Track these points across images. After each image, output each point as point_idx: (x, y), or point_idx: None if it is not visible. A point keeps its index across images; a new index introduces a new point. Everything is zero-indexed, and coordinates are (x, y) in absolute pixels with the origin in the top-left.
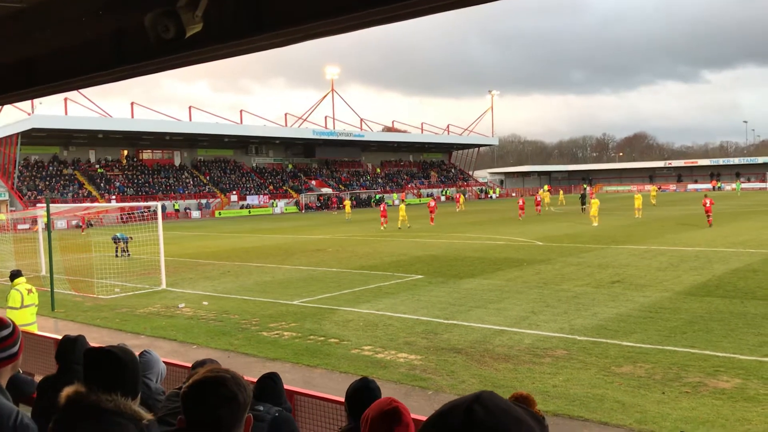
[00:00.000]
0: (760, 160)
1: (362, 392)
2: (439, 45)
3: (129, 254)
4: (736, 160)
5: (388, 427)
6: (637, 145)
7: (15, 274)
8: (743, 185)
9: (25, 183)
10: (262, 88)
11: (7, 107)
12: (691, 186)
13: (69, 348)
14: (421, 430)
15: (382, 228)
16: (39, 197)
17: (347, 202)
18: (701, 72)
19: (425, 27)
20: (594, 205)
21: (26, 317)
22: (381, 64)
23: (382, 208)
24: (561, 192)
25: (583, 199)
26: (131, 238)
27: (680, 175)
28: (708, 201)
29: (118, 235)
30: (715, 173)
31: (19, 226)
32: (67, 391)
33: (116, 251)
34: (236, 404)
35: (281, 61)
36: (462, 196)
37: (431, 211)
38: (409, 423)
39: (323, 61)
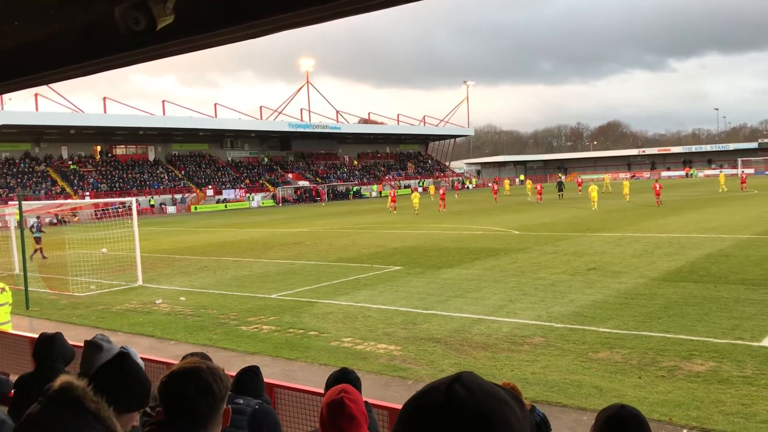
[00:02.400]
0: (732, 146)
1: (341, 382)
2: (407, 37)
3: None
4: (708, 147)
5: (333, 417)
6: (611, 133)
7: None
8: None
9: None
10: (230, 82)
11: None
12: (664, 173)
13: (46, 346)
14: (402, 412)
15: (393, 211)
16: (11, 195)
17: (416, 195)
18: (667, 60)
19: (392, 19)
20: (593, 191)
21: (1, 316)
22: (350, 57)
23: (391, 194)
24: (507, 181)
25: (560, 187)
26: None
27: (654, 162)
28: (658, 185)
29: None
30: (687, 160)
31: None
32: (63, 378)
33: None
34: (212, 395)
35: (249, 54)
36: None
37: (441, 198)
38: (355, 415)
39: (292, 54)
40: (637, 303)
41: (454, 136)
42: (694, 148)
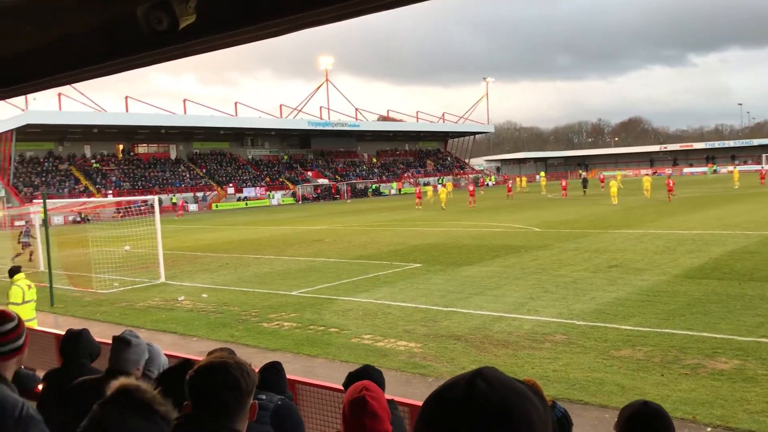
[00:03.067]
0: (756, 142)
1: (362, 380)
2: (424, 34)
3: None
4: (731, 143)
5: (355, 415)
6: (633, 129)
7: (15, 270)
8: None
9: (21, 179)
10: (249, 80)
11: (1, 104)
12: (687, 170)
13: (73, 342)
14: (423, 407)
15: (419, 207)
16: (35, 193)
17: (443, 190)
18: (687, 55)
19: (409, 16)
20: (613, 186)
21: (27, 313)
22: (367, 55)
23: (417, 191)
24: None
25: (585, 184)
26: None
27: (676, 158)
28: (671, 181)
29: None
30: (710, 156)
31: (16, 223)
32: (123, 382)
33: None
34: (239, 390)
35: (267, 52)
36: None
37: (471, 195)
38: (378, 412)
39: (309, 52)
40: (660, 300)
41: (474, 133)
42: (717, 144)
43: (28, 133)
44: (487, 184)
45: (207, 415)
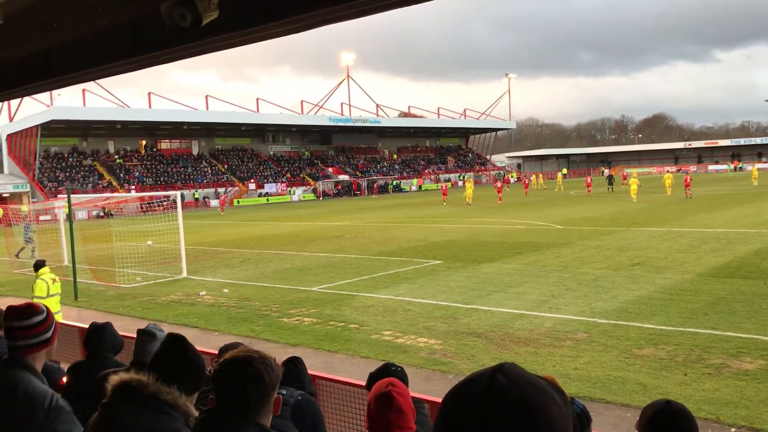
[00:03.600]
0: None
1: (383, 377)
2: (444, 30)
3: (19, 256)
4: (757, 140)
5: (381, 410)
6: (657, 126)
7: (39, 264)
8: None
9: (46, 174)
10: (268, 77)
11: (26, 99)
12: (711, 167)
13: (97, 335)
14: (444, 401)
15: (444, 203)
16: (60, 188)
17: (469, 185)
18: (711, 51)
19: (428, 12)
20: (633, 183)
21: (53, 306)
22: (387, 51)
23: (443, 187)
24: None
25: (610, 180)
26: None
27: (700, 156)
28: (689, 178)
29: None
30: (736, 153)
31: (41, 218)
32: (122, 377)
33: (19, 252)
34: (263, 384)
35: (286, 49)
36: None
37: (498, 191)
38: (403, 408)
39: (328, 48)
40: (683, 299)
41: (496, 130)
42: (742, 141)
43: (52, 128)
44: (510, 181)
45: (231, 409)
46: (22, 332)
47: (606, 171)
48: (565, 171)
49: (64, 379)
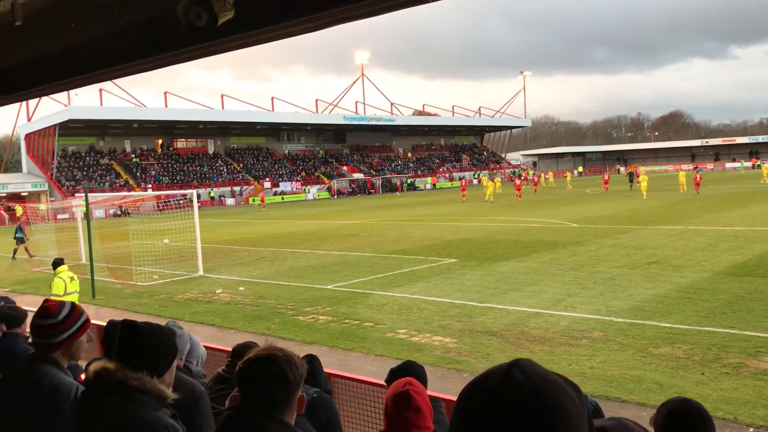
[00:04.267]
0: None
1: (405, 374)
2: (456, 28)
3: (14, 257)
4: None
5: (398, 409)
6: (673, 124)
7: (57, 263)
8: None
9: (64, 173)
10: (282, 76)
11: (44, 99)
12: (729, 165)
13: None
14: (460, 396)
15: (463, 200)
16: (77, 187)
17: (495, 180)
18: (729, 48)
19: (440, 9)
20: (643, 181)
21: None
22: (398, 49)
23: (462, 184)
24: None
25: (631, 178)
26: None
27: (718, 153)
28: (699, 176)
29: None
30: (754, 151)
31: (59, 216)
32: (94, 366)
33: (15, 253)
34: (286, 383)
35: (300, 47)
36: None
37: (517, 189)
38: (421, 407)
39: (342, 47)
40: (700, 298)
41: (511, 127)
42: (761, 138)
43: (70, 128)
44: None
45: (256, 407)
46: (41, 331)
47: (622, 169)
48: (581, 169)
49: (83, 376)
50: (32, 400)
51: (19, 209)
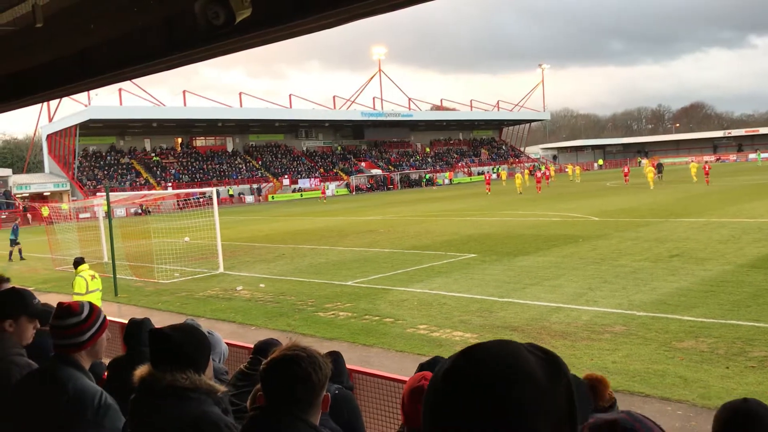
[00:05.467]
0: None
1: (432, 369)
2: (470, 22)
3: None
4: None
5: (416, 405)
6: (695, 115)
7: (78, 261)
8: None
9: (85, 173)
10: (297, 72)
11: (64, 100)
12: (752, 156)
13: (135, 330)
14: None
15: (487, 193)
16: (98, 186)
17: (519, 176)
18: (747, 37)
19: (454, 4)
20: (649, 173)
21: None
22: (413, 44)
23: (486, 178)
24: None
25: (659, 169)
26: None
27: (741, 144)
28: (707, 166)
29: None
30: None
31: (81, 215)
32: (141, 371)
33: (11, 255)
34: (310, 384)
35: (314, 44)
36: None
37: (538, 182)
38: None
39: (356, 42)
40: (724, 291)
41: (530, 121)
42: None
43: (90, 128)
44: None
45: (280, 407)
46: (60, 332)
47: (642, 161)
48: (601, 162)
49: (105, 374)
50: (56, 404)
51: (45, 210)
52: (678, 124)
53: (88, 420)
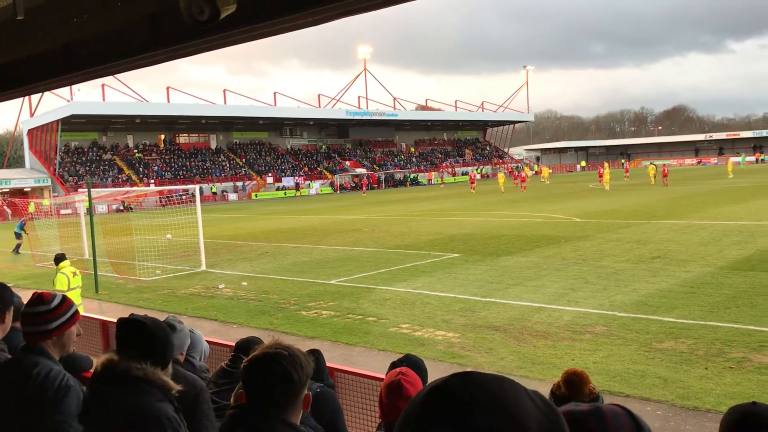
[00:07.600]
0: None
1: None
2: (452, 23)
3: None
4: None
5: (391, 399)
6: (677, 118)
7: (60, 258)
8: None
9: (66, 169)
10: (277, 70)
11: (46, 94)
12: (733, 159)
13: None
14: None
15: (472, 191)
16: (80, 182)
17: (501, 176)
18: (725, 41)
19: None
20: (606, 174)
21: (74, 299)
22: (394, 44)
23: (471, 177)
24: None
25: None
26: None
27: (722, 148)
28: (666, 168)
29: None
30: (758, 146)
31: (62, 211)
32: (101, 358)
33: (17, 248)
34: (291, 383)
35: (294, 42)
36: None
37: (522, 181)
38: (412, 396)
39: (337, 41)
40: (704, 292)
41: (514, 122)
42: (764, 133)
43: (72, 123)
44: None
45: (260, 407)
46: (29, 319)
47: (625, 163)
48: (584, 163)
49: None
50: (22, 390)
51: (32, 206)
52: (660, 127)
53: (50, 399)
